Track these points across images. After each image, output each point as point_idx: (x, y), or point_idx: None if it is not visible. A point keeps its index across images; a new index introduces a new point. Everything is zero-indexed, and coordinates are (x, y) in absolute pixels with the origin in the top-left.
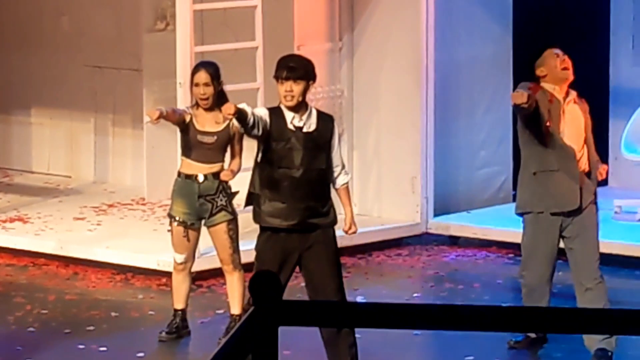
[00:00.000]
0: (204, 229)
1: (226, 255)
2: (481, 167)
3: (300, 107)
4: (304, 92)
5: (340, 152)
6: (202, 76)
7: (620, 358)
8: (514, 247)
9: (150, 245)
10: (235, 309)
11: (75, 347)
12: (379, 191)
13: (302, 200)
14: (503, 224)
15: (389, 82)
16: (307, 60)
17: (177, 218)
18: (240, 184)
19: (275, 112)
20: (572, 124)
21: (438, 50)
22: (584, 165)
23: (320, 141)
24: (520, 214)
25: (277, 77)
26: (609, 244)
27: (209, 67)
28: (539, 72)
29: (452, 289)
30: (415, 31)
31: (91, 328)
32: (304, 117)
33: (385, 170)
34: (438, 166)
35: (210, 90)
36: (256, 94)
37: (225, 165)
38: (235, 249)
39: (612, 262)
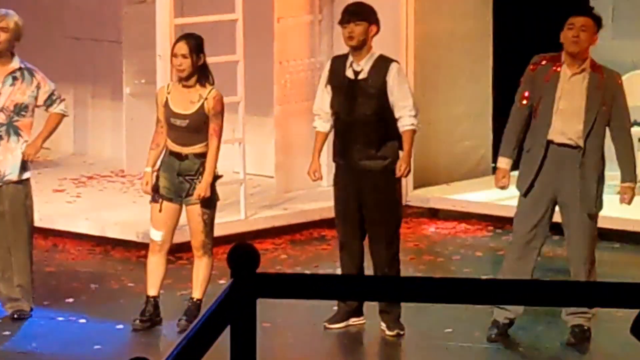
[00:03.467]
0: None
1: (198, 240)
2: (461, 139)
3: (362, 50)
4: (365, 34)
5: (404, 95)
6: (181, 47)
7: (599, 329)
8: (493, 220)
9: (129, 217)
10: (197, 293)
11: (54, 319)
12: None
13: (352, 142)
14: (482, 197)
15: None
16: (367, 5)
17: (157, 191)
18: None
19: (338, 60)
20: (568, 99)
21: (418, 23)
22: (569, 139)
23: (369, 87)
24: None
25: (340, 23)
26: None
27: (190, 39)
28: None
29: (432, 261)
30: (395, 3)
31: (70, 300)
32: (363, 62)
33: None
34: (417, 139)
35: (187, 62)
36: (236, 67)
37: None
38: (208, 234)
39: None
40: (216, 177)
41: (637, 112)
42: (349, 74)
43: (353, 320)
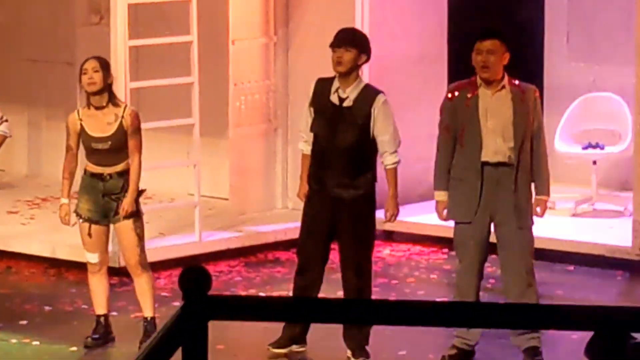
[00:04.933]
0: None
1: (133, 255)
2: (415, 162)
3: (349, 77)
4: (355, 61)
5: (388, 131)
6: (91, 62)
7: (554, 352)
8: (448, 242)
9: None
10: (148, 312)
11: (8, 342)
12: None
13: (328, 169)
14: (437, 219)
15: None
16: (361, 33)
17: (82, 215)
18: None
19: (323, 83)
20: (496, 117)
21: (372, 46)
22: (503, 157)
23: (354, 116)
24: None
25: (331, 46)
26: (543, 239)
27: (99, 57)
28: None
29: (386, 283)
30: (350, 26)
31: (24, 322)
32: (349, 89)
33: None
34: None
35: (98, 76)
36: (190, 88)
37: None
38: (142, 249)
39: (545, 257)
40: (140, 192)
41: (594, 134)
42: (334, 99)
43: (295, 347)
